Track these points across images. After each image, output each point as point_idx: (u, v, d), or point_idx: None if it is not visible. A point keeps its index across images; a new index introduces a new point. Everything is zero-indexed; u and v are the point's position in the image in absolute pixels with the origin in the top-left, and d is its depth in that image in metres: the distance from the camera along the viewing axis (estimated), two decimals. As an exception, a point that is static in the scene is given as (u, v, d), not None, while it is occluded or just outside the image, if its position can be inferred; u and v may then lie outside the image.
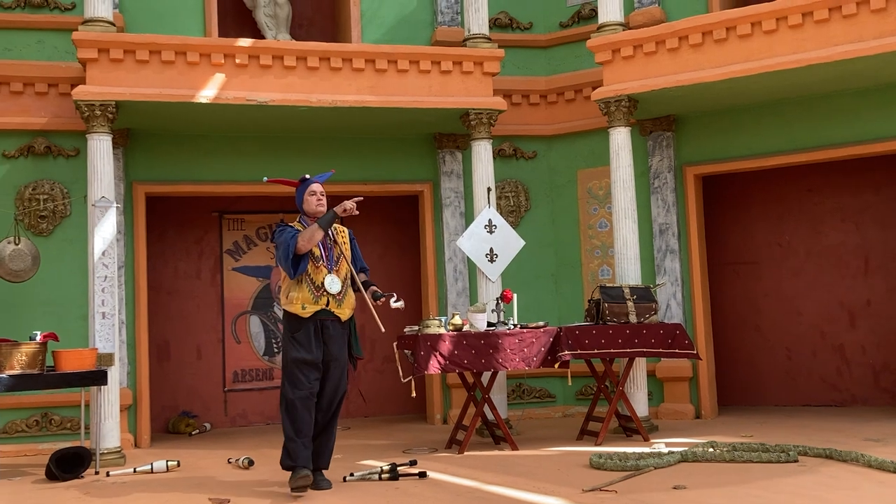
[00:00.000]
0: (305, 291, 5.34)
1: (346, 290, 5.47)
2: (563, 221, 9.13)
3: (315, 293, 5.35)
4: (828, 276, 8.86)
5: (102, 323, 6.85)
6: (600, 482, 5.26)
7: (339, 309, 5.41)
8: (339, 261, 5.47)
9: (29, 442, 7.55)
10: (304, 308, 5.33)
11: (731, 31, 7.36)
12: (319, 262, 5.40)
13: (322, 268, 5.39)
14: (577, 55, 9.01)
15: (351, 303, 5.51)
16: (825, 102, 7.93)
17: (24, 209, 7.71)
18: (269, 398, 9.10)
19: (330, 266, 5.42)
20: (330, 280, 5.37)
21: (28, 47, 7.91)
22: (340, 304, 5.42)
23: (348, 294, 5.49)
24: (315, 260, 5.39)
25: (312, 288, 5.35)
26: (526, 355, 6.77)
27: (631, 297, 7.20)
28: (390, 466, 5.76)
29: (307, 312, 5.33)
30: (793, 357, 8.95)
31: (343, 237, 5.62)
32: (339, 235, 5.59)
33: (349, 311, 5.49)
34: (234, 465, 6.52)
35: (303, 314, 5.33)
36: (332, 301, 5.37)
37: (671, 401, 8.33)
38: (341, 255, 5.50)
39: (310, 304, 5.34)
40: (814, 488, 4.97)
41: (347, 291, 5.48)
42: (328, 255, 5.44)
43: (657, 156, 8.51)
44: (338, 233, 5.60)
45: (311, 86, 7.64)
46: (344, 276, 5.45)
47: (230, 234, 9.18)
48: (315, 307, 5.34)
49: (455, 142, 8.78)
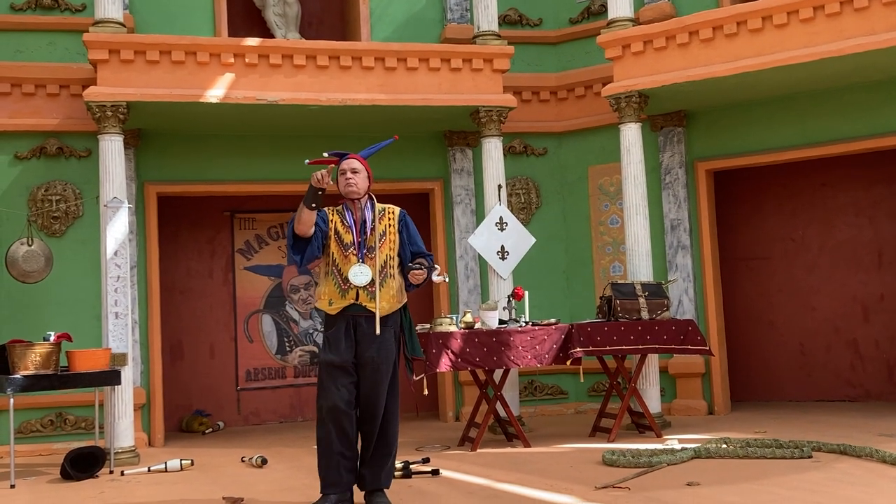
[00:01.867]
0: (332, 285, 4.70)
1: (385, 281, 4.70)
2: (574, 218, 9.11)
3: (342, 286, 4.66)
4: (841, 271, 8.81)
5: (115, 323, 6.88)
6: (613, 479, 5.25)
7: (372, 303, 4.64)
8: (377, 247, 4.71)
9: (44, 442, 7.59)
10: (330, 304, 4.68)
11: (741, 26, 7.33)
12: (349, 249, 4.70)
13: (351, 256, 4.68)
14: (586, 51, 8.98)
15: (391, 294, 4.72)
16: (837, 96, 7.88)
17: (36, 210, 7.75)
18: (282, 397, 9.13)
19: (361, 254, 4.69)
20: (356, 271, 4.64)
21: (39, 49, 7.95)
22: (374, 298, 4.66)
23: (387, 285, 4.70)
24: (344, 247, 4.71)
25: (339, 280, 4.68)
26: (538, 352, 6.76)
27: (643, 293, 7.18)
28: (403, 464, 5.76)
29: (334, 309, 4.67)
30: (806, 352, 8.91)
31: (390, 219, 4.84)
32: (385, 216, 4.83)
33: (389, 306, 4.70)
34: (248, 464, 6.54)
35: (330, 311, 4.68)
36: (362, 294, 4.64)
37: (684, 397, 8.30)
38: (381, 240, 4.74)
39: (337, 299, 4.67)
40: (828, 484, 4.95)
41: (386, 282, 4.70)
42: (360, 242, 4.72)
43: (668, 151, 8.48)
44: (385, 214, 4.84)
45: (321, 85, 7.65)
46: (382, 265, 4.70)
47: (242, 233, 9.20)
48: (343, 302, 4.66)
49: (465, 139, 8.78)
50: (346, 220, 4.76)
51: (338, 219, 4.77)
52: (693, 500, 4.71)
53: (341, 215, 4.79)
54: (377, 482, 4.69)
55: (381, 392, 4.66)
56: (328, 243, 4.75)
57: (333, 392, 4.61)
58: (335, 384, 4.61)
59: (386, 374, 4.68)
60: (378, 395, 4.66)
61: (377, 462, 4.69)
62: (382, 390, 4.66)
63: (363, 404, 4.68)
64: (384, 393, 4.67)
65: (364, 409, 4.69)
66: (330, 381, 4.63)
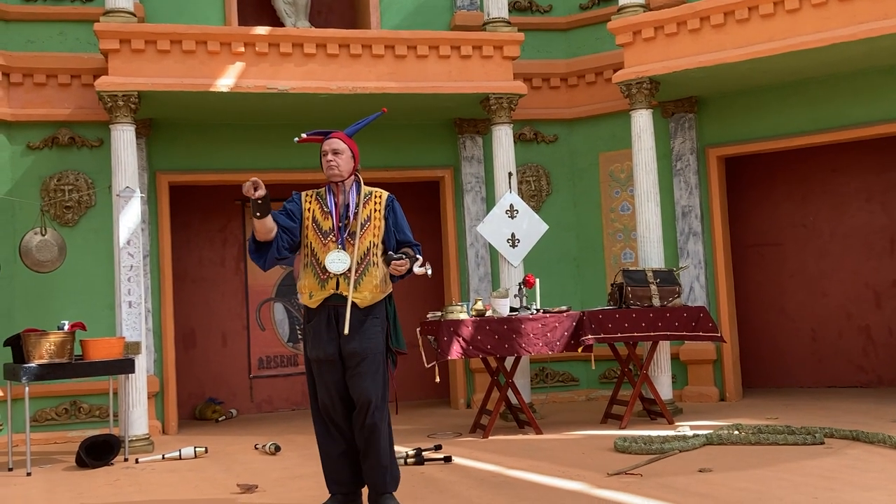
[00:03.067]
0: (311, 276, 4.36)
1: (368, 270, 4.35)
2: (584, 205, 9.10)
3: (321, 276, 4.32)
4: (853, 257, 8.78)
5: (129, 312, 6.92)
6: (625, 466, 5.27)
7: (354, 292, 4.29)
8: (359, 234, 4.37)
9: (58, 430, 7.66)
10: (311, 297, 4.35)
11: (753, 11, 7.28)
12: (328, 236, 4.37)
13: (330, 243, 4.35)
14: (597, 37, 8.95)
15: (374, 284, 4.36)
16: (850, 81, 7.83)
17: (49, 200, 7.79)
18: (294, 384, 9.17)
19: (340, 240, 4.35)
20: (332, 257, 4.29)
21: (50, 39, 7.97)
22: (356, 286, 4.30)
23: (370, 274, 4.35)
24: (322, 235, 4.38)
25: (318, 270, 4.33)
26: (549, 340, 6.77)
27: (654, 280, 7.18)
28: (415, 451, 5.79)
29: (315, 301, 4.34)
30: (818, 338, 8.90)
31: (377, 203, 4.47)
32: (371, 201, 4.47)
33: (372, 296, 4.35)
34: (261, 451, 6.58)
35: (310, 304, 4.36)
36: (342, 283, 4.30)
37: (695, 384, 8.31)
38: (365, 226, 4.40)
39: (316, 290, 4.33)
40: (841, 470, 4.95)
41: (369, 271, 4.35)
42: (341, 227, 4.38)
43: (679, 138, 8.45)
44: (371, 198, 4.47)
45: (331, 73, 7.65)
46: (364, 252, 4.36)
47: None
48: (322, 293, 4.32)
49: (475, 127, 8.77)
50: (326, 205, 4.43)
51: (316, 206, 4.44)
52: (705, 486, 4.72)
53: (321, 200, 4.45)
54: (376, 485, 4.36)
55: (367, 386, 4.26)
56: (305, 234, 4.42)
57: (322, 391, 4.35)
58: (322, 382, 4.34)
59: (371, 366, 4.29)
60: (364, 390, 4.26)
61: (370, 463, 4.33)
62: (369, 384, 4.26)
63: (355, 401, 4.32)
64: (372, 388, 4.26)
65: (357, 407, 4.32)
66: (317, 379, 4.37)
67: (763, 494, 4.47)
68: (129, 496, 5.25)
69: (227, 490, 5.24)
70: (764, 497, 4.42)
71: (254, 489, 5.18)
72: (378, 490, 4.35)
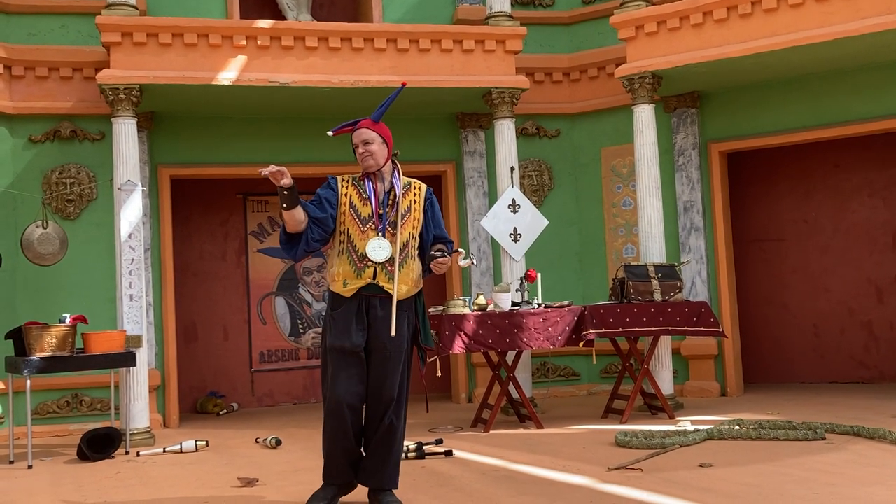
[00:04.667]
0: (346, 263, 4.20)
1: (406, 262, 4.24)
2: (586, 200, 9.09)
3: (357, 265, 4.17)
4: (855, 253, 8.77)
5: (130, 305, 6.92)
6: (626, 460, 5.27)
7: (390, 283, 4.17)
8: (400, 224, 4.25)
9: (60, 423, 7.67)
10: (345, 285, 4.19)
11: (756, 6, 7.27)
12: (368, 222, 4.23)
13: (370, 230, 4.20)
14: (599, 32, 8.94)
15: (411, 277, 4.26)
16: (852, 76, 7.82)
17: (51, 193, 7.79)
18: (296, 378, 9.18)
19: (381, 229, 4.21)
20: (374, 245, 4.16)
21: (52, 32, 7.96)
22: (393, 277, 4.19)
23: (407, 265, 4.24)
24: (361, 221, 4.23)
25: (355, 258, 4.19)
26: (550, 334, 6.77)
27: (655, 275, 7.17)
28: (416, 445, 5.79)
29: (349, 290, 4.18)
30: (820, 334, 8.89)
31: (416, 194, 4.37)
32: (410, 191, 4.36)
33: (408, 289, 4.24)
34: (262, 445, 6.59)
35: (345, 293, 4.20)
36: (380, 273, 4.18)
37: (696, 378, 8.31)
38: (406, 216, 4.29)
39: (352, 279, 4.18)
40: (841, 466, 4.95)
41: (407, 263, 4.24)
42: (381, 216, 4.25)
43: (681, 133, 8.44)
44: (411, 188, 4.37)
45: (333, 67, 7.64)
46: (404, 243, 4.25)
47: (254, 215, 9.23)
48: (358, 282, 4.17)
49: (478, 121, 8.76)
50: (364, 191, 4.28)
51: (353, 191, 4.29)
52: (706, 481, 4.72)
53: (359, 186, 4.30)
54: (382, 481, 4.27)
55: (391, 383, 4.21)
56: (342, 220, 4.26)
57: (342, 384, 4.17)
58: (345, 374, 4.17)
59: (398, 362, 4.24)
60: (387, 386, 4.21)
61: (382, 459, 4.25)
62: (393, 381, 4.22)
63: (372, 395, 4.24)
64: (395, 384, 4.22)
65: (372, 399, 4.25)
66: (338, 371, 4.18)
67: (764, 489, 4.47)
68: (132, 489, 5.25)
69: (228, 483, 5.24)
70: (765, 492, 4.42)
71: (255, 482, 5.19)
72: (384, 485, 4.29)
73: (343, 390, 4.18)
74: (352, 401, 4.20)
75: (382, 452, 4.26)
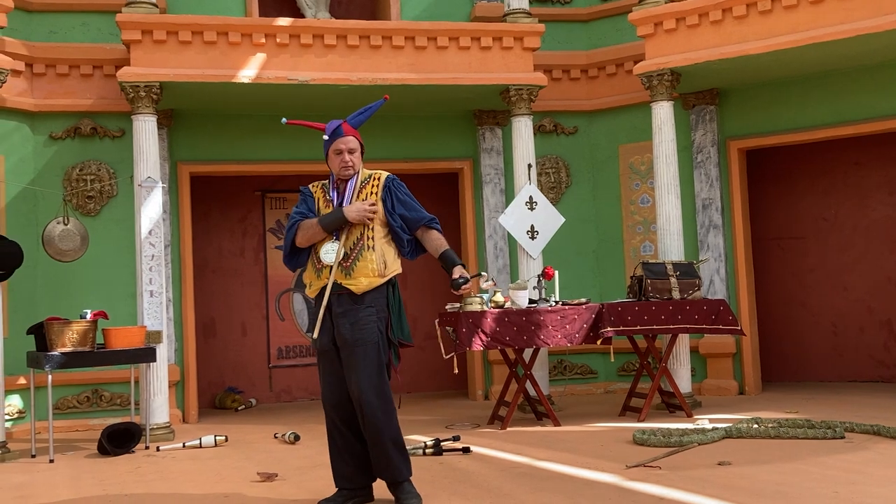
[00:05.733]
0: (310, 267, 4.38)
1: (359, 255, 4.26)
2: (604, 197, 9.08)
3: (317, 266, 4.33)
4: (875, 251, 8.71)
5: (150, 301, 6.97)
6: (644, 458, 5.26)
7: (347, 279, 4.24)
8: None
9: (80, 417, 7.73)
10: (310, 286, 4.37)
11: (776, 3, 7.23)
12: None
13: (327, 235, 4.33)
14: (618, 29, 8.91)
15: (371, 268, 4.26)
16: (873, 73, 7.76)
17: (71, 190, 7.85)
18: (313, 374, 9.19)
19: (336, 231, 4.30)
20: (326, 249, 4.28)
21: (73, 30, 8.02)
22: (350, 273, 4.24)
23: (363, 258, 4.26)
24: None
25: (314, 260, 4.34)
26: (568, 332, 6.77)
27: (674, 273, 7.15)
28: (434, 441, 5.80)
29: (313, 291, 4.35)
30: (839, 332, 8.84)
31: (375, 186, 4.39)
32: (369, 184, 4.39)
33: (367, 280, 4.26)
34: (281, 440, 6.62)
35: (310, 294, 4.37)
36: (336, 271, 4.24)
37: (714, 377, 8.28)
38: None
39: (314, 280, 4.34)
40: (861, 465, 4.92)
41: (362, 255, 4.26)
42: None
43: (700, 130, 8.41)
44: (370, 181, 4.41)
45: (352, 64, 7.66)
46: (357, 238, 4.28)
47: (273, 212, 9.27)
48: (319, 283, 4.30)
49: (495, 118, 8.75)
50: (328, 196, 4.42)
51: (322, 195, 4.45)
52: (724, 479, 4.71)
53: (325, 191, 4.45)
54: (391, 474, 4.29)
55: (357, 378, 4.19)
56: None
57: (324, 386, 4.34)
58: (326, 376, 4.33)
59: (363, 357, 4.20)
60: (354, 382, 4.20)
61: (380, 452, 4.26)
62: (362, 375, 4.18)
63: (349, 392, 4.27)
64: (364, 380, 4.18)
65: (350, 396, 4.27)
66: (322, 373, 4.35)
67: (783, 488, 4.46)
68: (152, 483, 5.30)
69: (247, 478, 5.28)
70: (783, 491, 4.40)
71: (274, 477, 5.22)
72: (395, 478, 4.30)
73: (327, 392, 4.34)
74: (334, 400, 4.30)
75: (376, 445, 4.25)
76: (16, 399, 7.49)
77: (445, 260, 4.39)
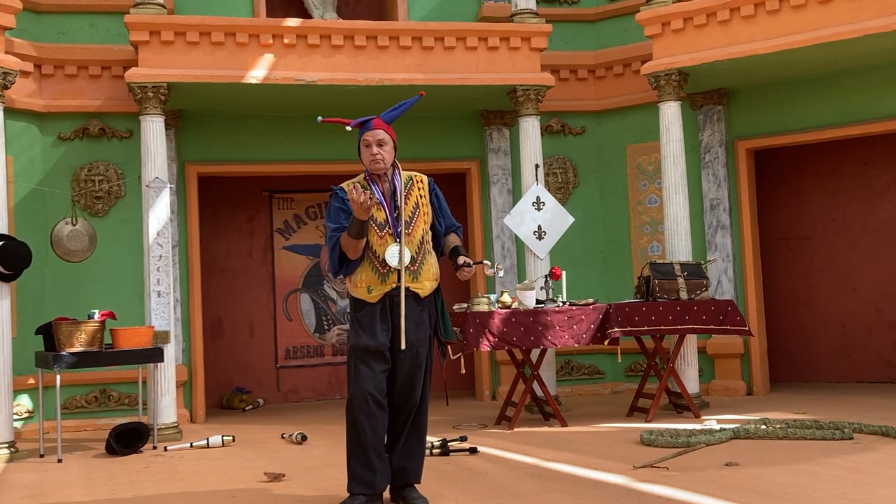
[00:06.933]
0: (370, 271, 4.23)
1: (424, 258, 4.28)
2: (611, 198, 9.07)
3: (380, 270, 4.21)
4: (884, 251, 8.68)
5: (158, 301, 6.99)
6: (651, 459, 5.25)
7: (415, 283, 4.24)
8: (412, 223, 4.29)
9: (88, 417, 7.75)
10: (370, 291, 4.23)
11: (784, 2, 7.21)
12: (384, 228, 4.24)
13: (387, 236, 4.23)
14: (625, 29, 8.90)
15: (431, 273, 4.31)
16: (882, 73, 7.74)
17: (79, 190, 7.88)
18: (321, 374, 9.23)
19: (396, 232, 4.23)
20: (392, 252, 4.19)
21: (81, 31, 8.05)
22: (417, 277, 4.24)
23: (427, 262, 4.29)
24: (378, 227, 4.24)
25: (377, 264, 4.22)
26: (575, 332, 6.76)
27: (681, 273, 7.14)
28: (441, 442, 5.81)
29: (374, 296, 4.22)
30: (847, 333, 8.82)
31: (420, 188, 4.37)
32: (414, 187, 4.36)
33: (430, 284, 4.30)
34: (288, 440, 6.63)
35: (370, 299, 4.23)
36: (404, 275, 4.20)
37: (722, 377, 8.26)
38: (415, 214, 4.31)
39: (376, 285, 4.22)
40: (870, 465, 4.91)
41: (426, 258, 4.29)
42: (394, 219, 4.26)
43: (708, 130, 8.39)
44: (413, 183, 4.37)
45: (359, 65, 7.67)
46: (420, 241, 4.29)
47: (280, 213, 9.29)
48: (383, 288, 4.21)
49: (502, 118, 8.75)
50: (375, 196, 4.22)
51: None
52: (732, 480, 4.70)
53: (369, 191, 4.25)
54: (409, 476, 4.32)
55: (419, 379, 4.27)
56: None
57: (369, 379, 4.17)
58: (369, 370, 4.18)
59: (424, 358, 4.29)
60: (416, 382, 4.27)
61: (409, 454, 4.30)
62: (420, 376, 4.27)
63: (398, 392, 4.28)
64: (422, 379, 4.28)
65: (399, 397, 4.28)
66: (364, 367, 4.19)
67: (792, 488, 4.45)
68: (160, 483, 5.31)
69: (255, 478, 5.28)
70: (792, 491, 4.39)
71: (281, 478, 5.23)
72: (412, 480, 4.33)
73: (370, 384, 4.19)
74: (378, 394, 4.20)
75: (411, 447, 4.32)
76: (25, 399, 7.51)
77: (454, 251, 4.40)
